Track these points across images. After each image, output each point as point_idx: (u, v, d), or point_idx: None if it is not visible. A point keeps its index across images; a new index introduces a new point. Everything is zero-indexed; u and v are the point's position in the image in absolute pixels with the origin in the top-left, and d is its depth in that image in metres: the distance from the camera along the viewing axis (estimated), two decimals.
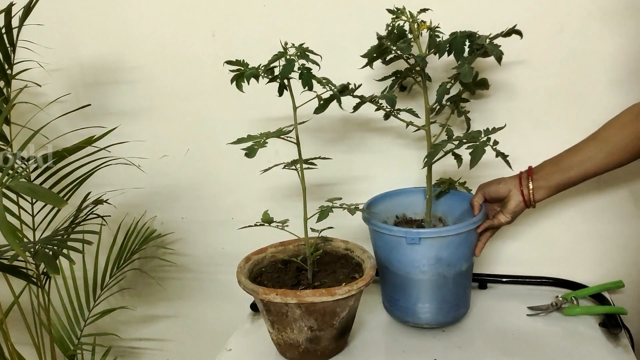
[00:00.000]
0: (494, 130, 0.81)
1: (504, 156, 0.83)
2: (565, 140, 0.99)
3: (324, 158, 0.93)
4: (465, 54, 0.80)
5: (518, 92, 0.99)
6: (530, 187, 0.86)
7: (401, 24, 0.85)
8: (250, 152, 0.75)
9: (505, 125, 0.83)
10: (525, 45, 0.97)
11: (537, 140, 1.01)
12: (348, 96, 0.86)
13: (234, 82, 0.78)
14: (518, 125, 1.01)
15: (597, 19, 0.93)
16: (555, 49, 0.96)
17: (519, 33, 0.80)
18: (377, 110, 0.91)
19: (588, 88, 0.96)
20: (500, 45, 0.77)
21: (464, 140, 0.82)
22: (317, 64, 0.77)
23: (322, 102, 0.84)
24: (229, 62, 0.79)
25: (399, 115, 0.92)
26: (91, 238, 1.25)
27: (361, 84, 0.88)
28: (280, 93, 0.79)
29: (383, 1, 1.00)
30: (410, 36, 0.84)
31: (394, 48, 0.83)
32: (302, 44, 0.78)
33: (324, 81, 0.80)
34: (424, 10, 0.86)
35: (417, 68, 0.87)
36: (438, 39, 0.83)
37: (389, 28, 0.85)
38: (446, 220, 1.00)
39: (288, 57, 0.76)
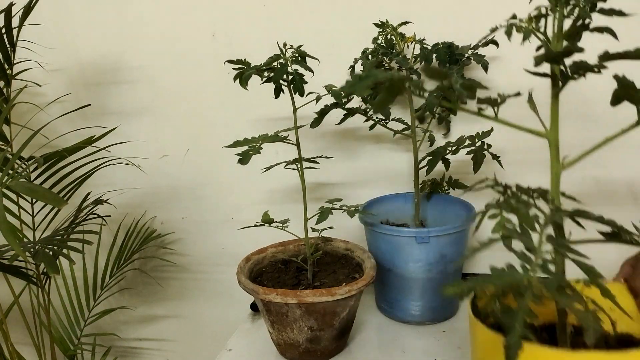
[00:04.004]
0: (485, 134, 0.87)
1: (497, 158, 0.88)
2: (567, 140, 1.00)
3: (326, 157, 0.93)
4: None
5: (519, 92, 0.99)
6: None
7: (389, 38, 0.90)
8: (244, 158, 0.74)
9: (492, 129, 0.88)
10: (526, 44, 0.97)
11: (539, 140, 1.01)
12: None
13: (237, 80, 0.78)
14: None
15: (598, 18, 0.92)
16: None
17: (495, 43, 0.86)
18: (366, 121, 0.95)
19: (589, 88, 0.96)
20: (484, 55, 0.85)
21: (460, 147, 0.87)
22: (311, 71, 0.77)
23: (316, 115, 0.88)
24: (230, 62, 0.79)
25: (387, 125, 0.95)
26: (91, 238, 1.25)
27: (352, 97, 0.89)
28: (277, 95, 0.79)
29: (383, 1, 1.01)
30: (398, 49, 0.90)
31: (389, 62, 0.89)
32: (301, 45, 0.78)
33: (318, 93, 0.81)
34: (404, 23, 0.91)
35: None
36: (426, 51, 0.88)
37: (378, 41, 0.90)
38: (427, 223, 1.03)
39: (282, 61, 0.76)
